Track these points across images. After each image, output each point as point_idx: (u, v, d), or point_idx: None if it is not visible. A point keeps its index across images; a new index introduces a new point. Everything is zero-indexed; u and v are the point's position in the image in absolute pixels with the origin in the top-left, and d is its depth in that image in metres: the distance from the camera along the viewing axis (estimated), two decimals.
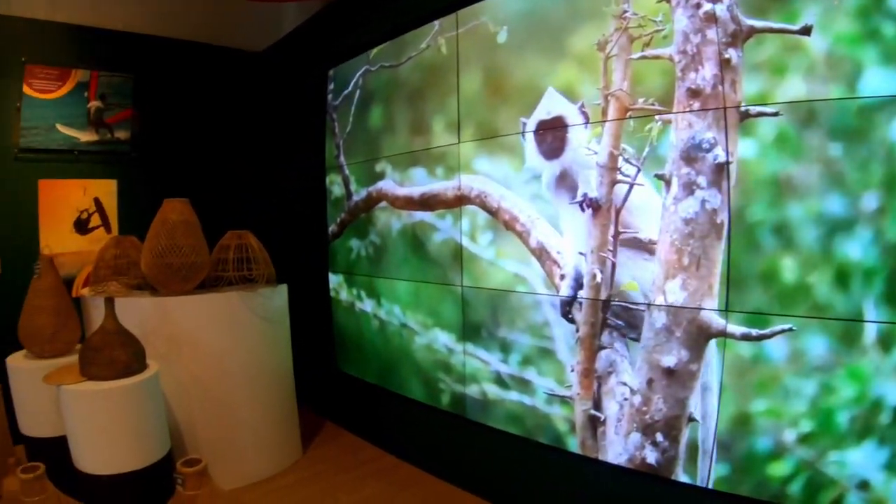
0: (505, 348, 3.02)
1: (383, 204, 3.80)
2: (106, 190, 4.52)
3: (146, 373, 2.99)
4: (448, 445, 3.62)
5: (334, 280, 4.41)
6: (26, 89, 4.27)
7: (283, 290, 3.94)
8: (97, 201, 4.47)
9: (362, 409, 4.36)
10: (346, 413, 4.54)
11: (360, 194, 4.01)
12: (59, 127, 4.36)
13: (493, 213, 3.07)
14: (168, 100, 4.68)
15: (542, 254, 2.87)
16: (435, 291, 3.45)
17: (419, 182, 3.49)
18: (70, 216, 4.43)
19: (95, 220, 4.49)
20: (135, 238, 3.73)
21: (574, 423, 2.71)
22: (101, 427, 2.82)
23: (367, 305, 4.08)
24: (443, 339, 3.41)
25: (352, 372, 4.38)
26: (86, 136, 4.43)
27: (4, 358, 3.44)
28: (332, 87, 4.31)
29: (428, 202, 3.44)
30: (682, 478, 2.31)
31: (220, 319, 3.58)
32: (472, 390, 3.23)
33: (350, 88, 4.08)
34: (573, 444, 2.73)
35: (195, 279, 3.55)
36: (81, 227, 4.44)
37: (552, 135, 2.71)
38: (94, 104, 4.43)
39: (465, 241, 3.20)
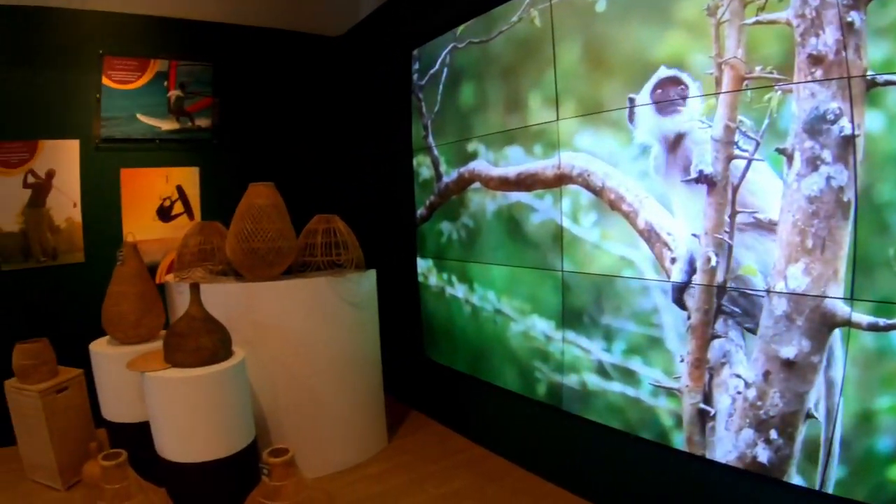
0: (608, 336, 2.81)
1: (476, 185, 3.60)
2: (188, 177, 4.45)
3: (232, 360, 2.95)
4: (541, 437, 3.41)
5: (423, 265, 4.26)
6: (105, 81, 4.22)
7: (371, 275, 3.77)
8: (180, 189, 4.42)
9: (450, 397, 4.18)
10: (432, 402, 4.38)
11: (450, 176, 3.83)
12: (140, 116, 4.30)
13: (597, 192, 2.82)
14: (248, 87, 4.61)
15: (650, 236, 2.62)
16: (533, 276, 3.26)
17: (515, 161, 3.28)
18: (153, 204, 4.38)
19: (178, 208, 4.43)
20: (219, 224, 3.64)
21: (681, 418, 2.52)
22: (186, 415, 2.79)
23: (459, 291, 3.87)
24: (540, 326, 3.22)
25: (440, 360, 4.21)
26: (167, 125, 4.37)
27: (88, 343, 3.46)
28: (417, 66, 4.11)
29: (525, 182, 3.24)
30: (796, 479, 2.12)
31: (307, 305, 3.45)
32: (571, 380, 3.07)
33: (437, 67, 3.89)
34: (679, 441, 2.55)
35: (282, 264, 3.42)
36: (164, 214, 4.39)
37: (663, 107, 2.50)
38: (174, 93, 4.36)
39: (567, 223, 2.97)
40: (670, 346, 2.54)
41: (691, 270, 2.43)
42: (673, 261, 2.50)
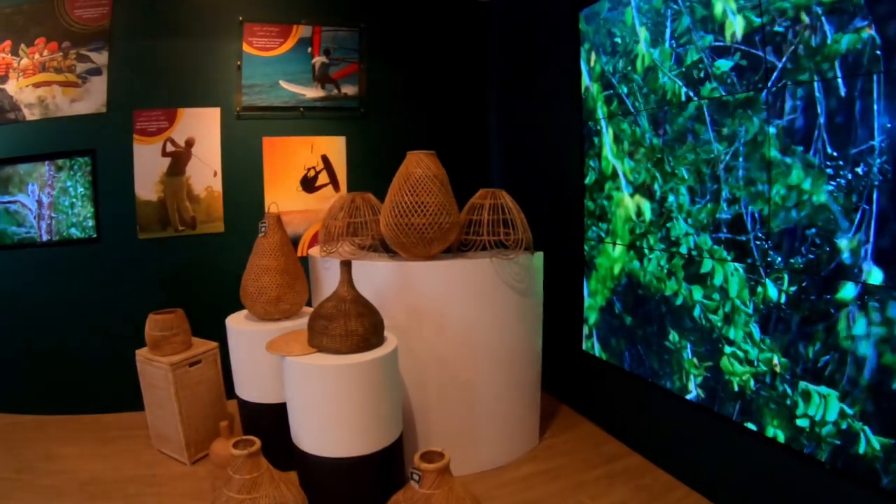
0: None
1: None
2: (334, 147, 4.07)
3: (384, 347, 2.55)
4: (722, 458, 2.69)
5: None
6: (246, 47, 3.94)
7: (538, 258, 3.23)
8: (325, 158, 4.04)
9: (609, 396, 3.56)
10: (588, 399, 3.76)
11: None
12: (283, 84, 3.98)
13: None
14: (395, 53, 4.19)
15: None
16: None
17: None
18: (296, 174, 4.04)
19: (323, 178, 4.06)
20: (370, 195, 3.24)
21: None
22: (329, 405, 2.43)
23: (651, 278, 3.15)
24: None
25: (601, 354, 3.57)
26: (311, 93, 4.02)
27: (225, 316, 3.25)
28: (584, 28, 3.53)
29: None
30: None
31: (469, 289, 2.97)
32: (771, 395, 2.42)
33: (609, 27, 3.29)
34: None
35: (443, 242, 2.93)
36: (308, 185, 4.03)
37: None
38: (319, 59, 4.01)
39: None
40: None
41: None
42: None
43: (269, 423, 2.92)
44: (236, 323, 3.16)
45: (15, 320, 3.95)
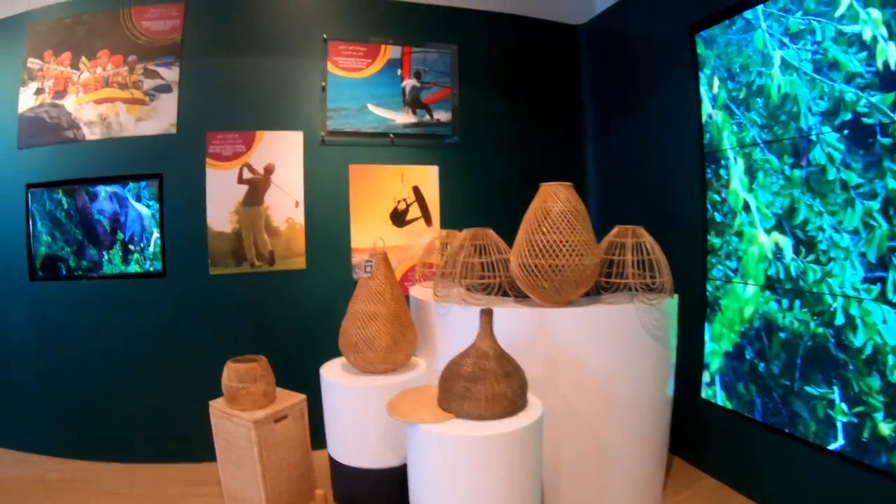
0: None
1: None
2: (425, 177, 3.41)
3: (531, 410, 2.01)
4: None
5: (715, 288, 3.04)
6: (331, 67, 3.30)
7: (674, 302, 2.63)
8: (416, 190, 3.39)
9: (735, 448, 2.96)
10: (708, 451, 3.17)
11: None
12: (371, 107, 3.33)
13: None
14: (488, 76, 3.57)
15: None
16: None
17: None
18: (385, 206, 3.36)
19: (414, 212, 3.40)
20: (491, 232, 2.77)
21: None
22: (472, 478, 1.92)
23: (792, 320, 2.53)
24: None
25: (726, 403, 2.99)
26: (402, 118, 3.39)
27: (307, 361, 2.84)
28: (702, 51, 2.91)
29: None
30: None
31: (609, 337, 2.44)
32: None
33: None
34: None
35: (585, 286, 2.40)
36: (399, 218, 3.37)
37: None
38: (409, 82, 3.39)
39: None
40: None
41: None
42: None
43: (368, 489, 2.44)
44: (334, 375, 2.53)
45: (69, 356, 3.26)
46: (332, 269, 3.18)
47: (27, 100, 3.48)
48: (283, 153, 3.23)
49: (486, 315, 2.13)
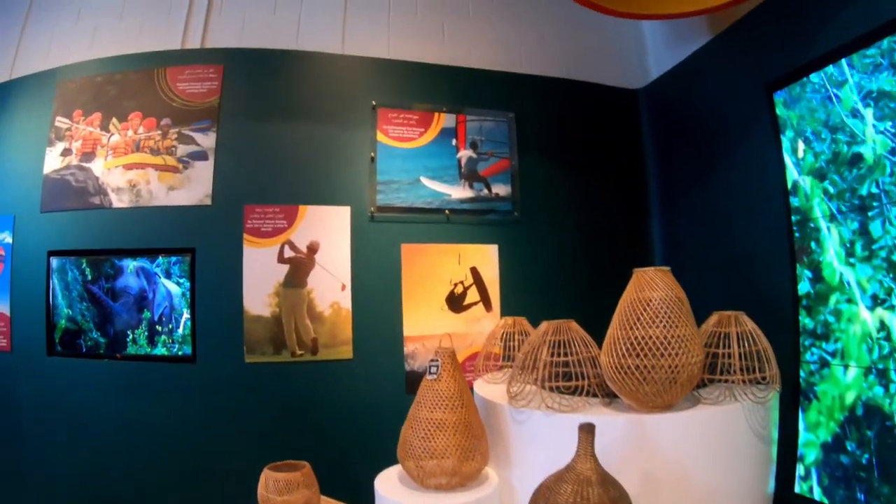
0: None
1: None
2: (484, 257, 2.77)
3: None
4: None
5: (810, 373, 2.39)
6: (381, 137, 2.71)
7: (776, 396, 2.16)
8: (474, 271, 2.75)
9: None
10: None
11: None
12: (425, 181, 2.73)
13: None
14: (547, 147, 2.96)
15: None
16: None
17: None
18: (441, 289, 2.71)
19: (472, 296, 2.75)
20: (573, 324, 2.11)
21: None
22: None
23: None
24: None
25: (823, 499, 2.42)
26: (458, 192, 2.77)
27: (355, 466, 2.40)
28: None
29: None
30: None
31: (716, 442, 1.79)
32: None
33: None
34: None
35: (689, 386, 1.75)
36: (456, 303, 2.72)
37: None
38: (465, 153, 2.79)
39: None
40: None
41: None
42: None
43: None
44: (393, 491, 1.87)
45: (85, 442, 2.63)
46: (382, 359, 2.55)
47: (53, 161, 2.85)
48: (328, 230, 2.60)
49: (587, 432, 1.47)
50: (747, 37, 2.60)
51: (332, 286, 2.57)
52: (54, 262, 2.77)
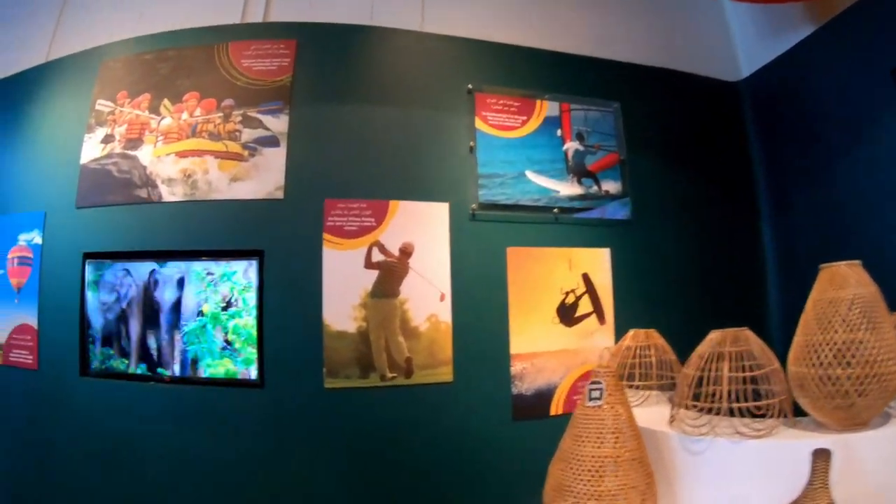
0: None
1: None
2: (596, 262, 1.95)
3: None
4: None
5: None
6: (480, 124, 1.89)
7: None
8: (586, 279, 1.93)
9: None
10: None
11: None
12: (530, 175, 1.91)
13: None
14: (655, 140, 2.14)
15: None
16: None
17: None
18: (550, 299, 1.88)
19: (585, 306, 1.92)
20: (750, 333, 1.26)
21: None
22: None
23: None
24: None
25: None
26: (566, 189, 1.95)
27: None
28: None
29: None
30: None
31: None
32: None
33: None
34: None
35: (890, 397, 1.16)
36: (567, 314, 1.89)
37: None
38: (572, 145, 1.98)
39: None
40: None
41: None
42: None
43: None
44: None
45: (126, 482, 1.75)
46: (486, 382, 1.70)
47: (92, 149, 1.93)
48: (423, 230, 1.74)
49: (823, 459, 0.59)
50: (867, 21, 1.84)
51: (429, 296, 1.70)
52: (90, 265, 1.84)
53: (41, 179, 2.08)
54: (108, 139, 1.97)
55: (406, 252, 1.74)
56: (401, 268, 1.74)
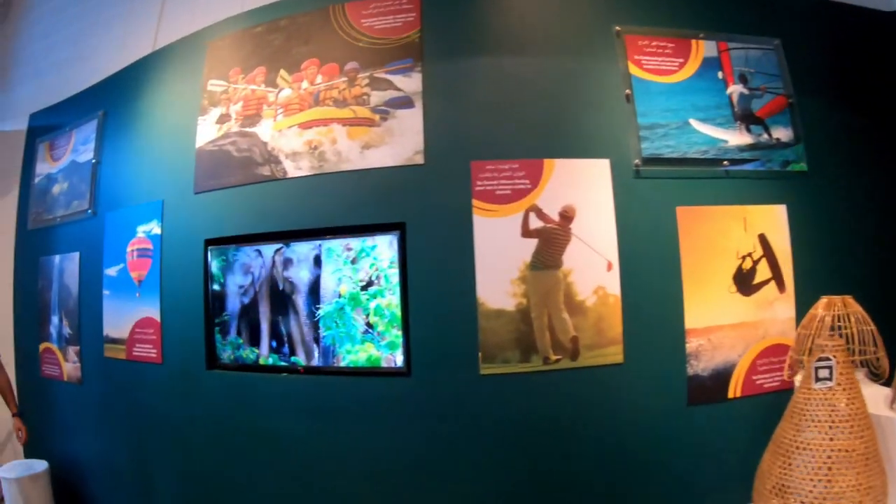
0: None
1: None
2: (771, 221, 1.42)
3: None
4: None
5: None
6: (633, 69, 1.44)
7: None
8: (763, 240, 1.40)
9: None
10: None
11: None
12: (695, 124, 1.44)
13: None
14: (824, 80, 1.56)
15: None
16: None
17: None
18: (725, 264, 1.38)
19: (763, 272, 1.39)
20: None
21: None
22: None
23: None
24: None
25: None
26: (734, 138, 1.46)
27: None
28: None
29: None
30: None
31: None
32: None
33: None
34: None
35: None
36: (744, 282, 1.38)
37: None
38: (735, 88, 1.49)
39: None
40: None
41: None
42: None
43: None
44: None
45: (256, 489, 1.43)
46: (658, 363, 1.25)
47: (207, 131, 1.58)
48: (583, 191, 1.31)
49: None
50: None
51: (594, 265, 1.26)
52: (213, 252, 1.48)
53: (156, 169, 1.75)
54: (223, 119, 1.61)
55: (567, 216, 1.31)
56: (562, 234, 1.30)
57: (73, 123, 2.10)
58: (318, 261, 1.42)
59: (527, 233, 1.32)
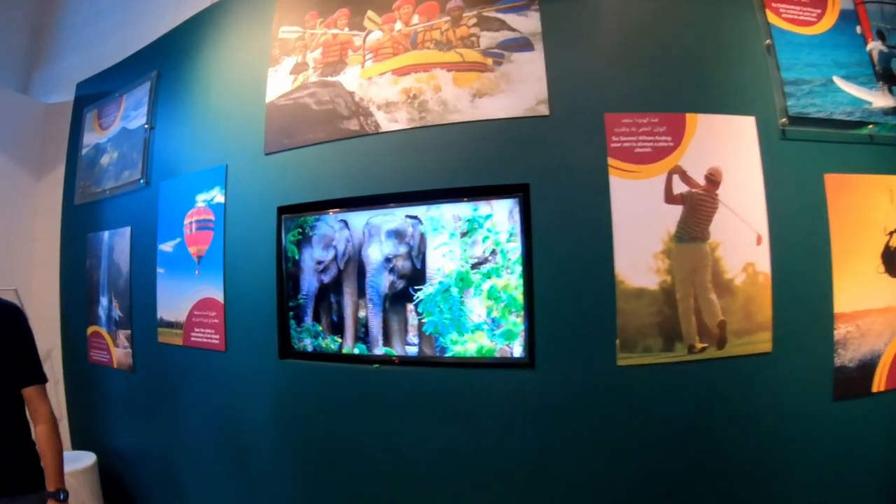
0: None
1: None
2: None
3: None
4: None
5: None
6: (773, 18, 1.01)
7: None
8: None
9: None
10: None
11: None
12: (839, 82, 1.04)
13: None
14: None
15: None
16: None
17: None
18: (871, 242, 0.97)
19: None
20: None
21: None
22: None
23: None
24: None
25: None
26: (879, 100, 1.05)
27: None
28: None
29: None
30: None
31: None
32: None
33: None
34: None
35: None
36: (892, 261, 0.98)
37: None
38: (875, 45, 1.08)
39: None
40: None
41: None
42: None
43: None
44: None
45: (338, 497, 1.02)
46: (806, 352, 0.84)
47: (280, 83, 1.10)
48: (728, 152, 0.90)
49: None
50: None
51: (743, 238, 0.88)
52: (287, 222, 1.03)
53: (218, 130, 1.29)
54: (298, 68, 1.16)
55: (714, 180, 0.92)
56: (710, 201, 0.91)
57: (124, 88, 1.60)
58: (417, 233, 1.00)
59: (671, 198, 0.93)
